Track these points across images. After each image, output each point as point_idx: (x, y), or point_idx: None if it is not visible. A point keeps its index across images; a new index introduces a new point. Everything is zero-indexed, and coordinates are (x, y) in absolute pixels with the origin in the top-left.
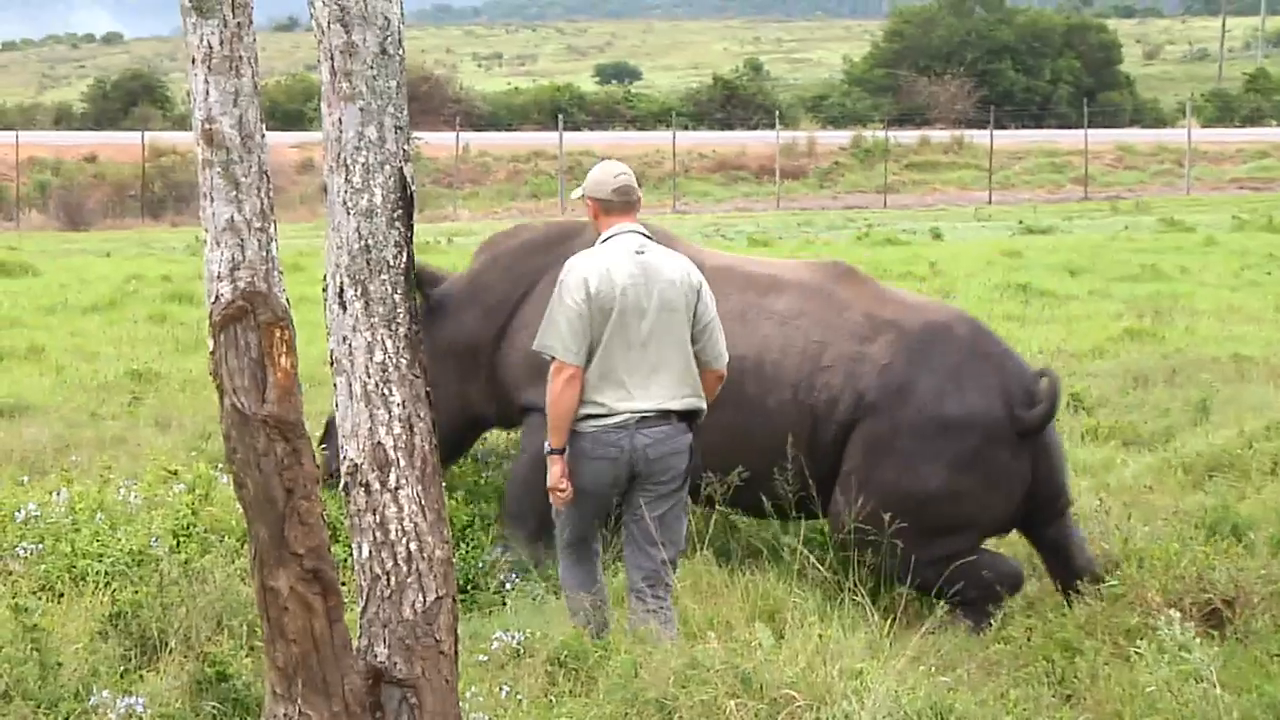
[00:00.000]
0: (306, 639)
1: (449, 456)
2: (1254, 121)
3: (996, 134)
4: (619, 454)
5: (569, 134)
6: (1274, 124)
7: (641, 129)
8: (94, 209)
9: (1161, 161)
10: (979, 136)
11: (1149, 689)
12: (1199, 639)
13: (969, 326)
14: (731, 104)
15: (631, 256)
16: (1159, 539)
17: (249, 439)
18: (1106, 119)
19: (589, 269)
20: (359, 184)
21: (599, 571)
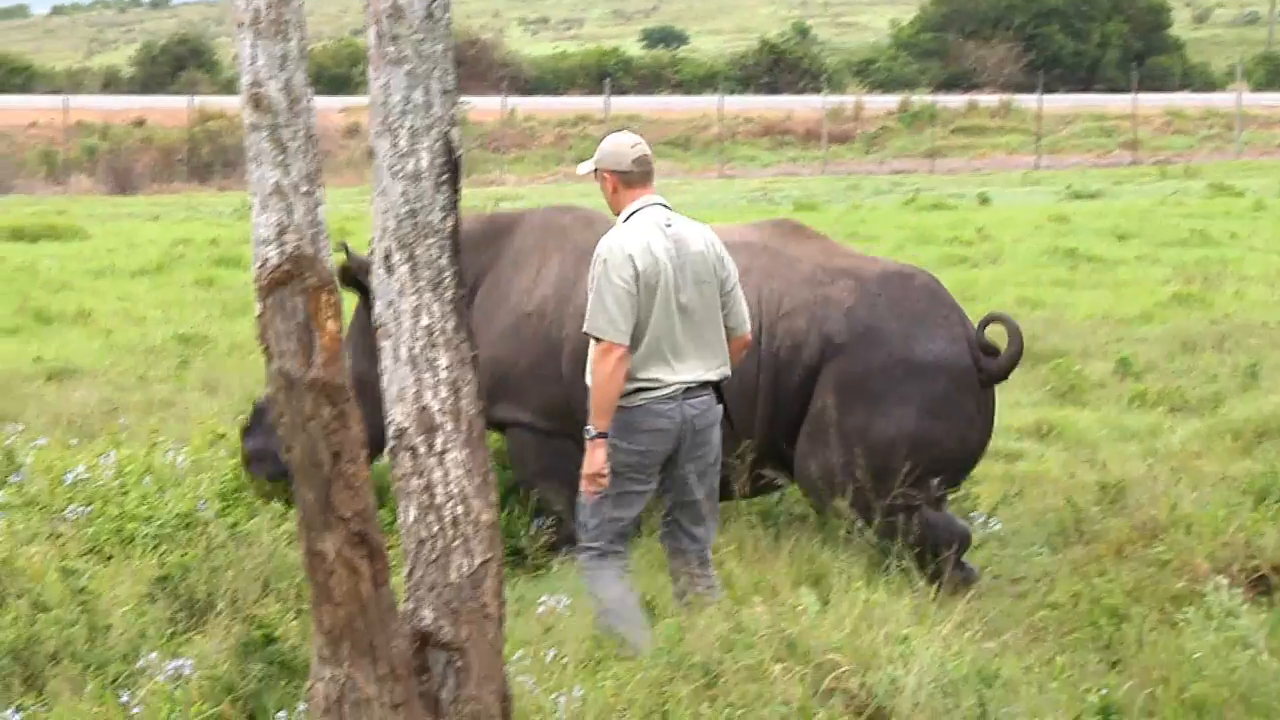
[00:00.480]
0: (353, 602)
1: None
2: None
3: (1045, 98)
4: (670, 424)
5: (615, 98)
6: None
7: (688, 93)
8: (142, 173)
9: (1211, 126)
10: (1027, 101)
11: (1196, 655)
12: (1246, 605)
13: (926, 276)
14: (778, 68)
15: (664, 230)
16: (1206, 505)
17: (295, 403)
18: (1155, 83)
19: (632, 246)
20: (406, 148)
21: (631, 584)
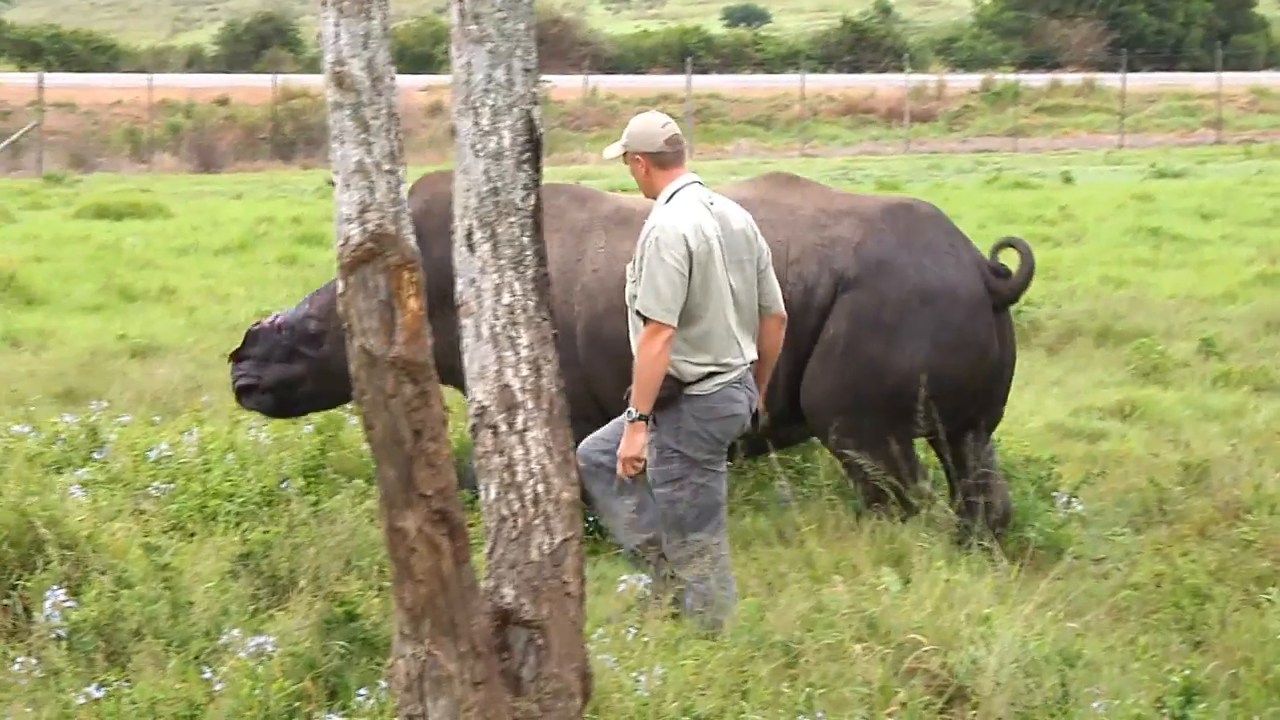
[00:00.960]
0: (434, 580)
1: None
2: None
3: (1128, 77)
4: (743, 410)
5: (697, 77)
6: None
7: (770, 72)
8: (225, 151)
9: None
10: (1110, 80)
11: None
12: None
13: (928, 205)
14: (860, 47)
15: (708, 209)
16: None
17: (377, 380)
18: (1240, 62)
19: (685, 226)
20: (487, 126)
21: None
